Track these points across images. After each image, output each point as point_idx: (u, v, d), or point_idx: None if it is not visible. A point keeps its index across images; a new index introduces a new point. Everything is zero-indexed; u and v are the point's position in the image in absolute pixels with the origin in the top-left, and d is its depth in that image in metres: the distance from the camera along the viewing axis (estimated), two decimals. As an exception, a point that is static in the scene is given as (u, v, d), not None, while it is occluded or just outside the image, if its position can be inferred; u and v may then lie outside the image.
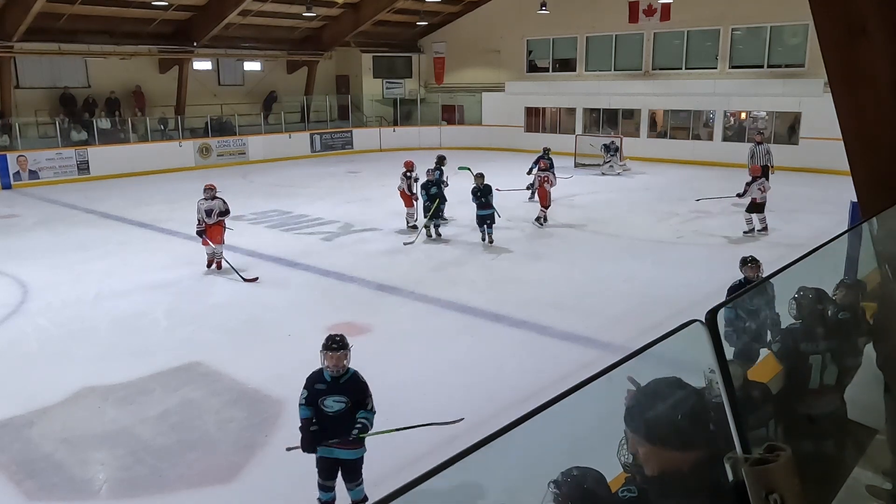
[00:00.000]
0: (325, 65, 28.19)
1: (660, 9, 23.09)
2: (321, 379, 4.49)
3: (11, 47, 19.30)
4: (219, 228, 10.50)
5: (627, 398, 1.69)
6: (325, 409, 4.44)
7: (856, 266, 3.39)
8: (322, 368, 4.52)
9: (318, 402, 4.44)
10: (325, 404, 4.43)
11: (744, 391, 2.40)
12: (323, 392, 4.45)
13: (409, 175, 13.07)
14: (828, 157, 17.68)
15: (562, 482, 1.69)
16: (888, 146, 3.35)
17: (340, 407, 4.41)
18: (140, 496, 5.05)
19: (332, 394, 4.44)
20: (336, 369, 4.44)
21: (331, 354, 4.46)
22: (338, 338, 4.52)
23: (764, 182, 12.70)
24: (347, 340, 4.55)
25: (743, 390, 2.34)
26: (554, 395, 1.33)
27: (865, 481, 2.94)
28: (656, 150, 23.30)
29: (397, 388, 6.57)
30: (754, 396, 2.57)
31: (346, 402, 4.41)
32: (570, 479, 1.70)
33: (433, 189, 12.44)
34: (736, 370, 2.29)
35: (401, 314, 8.79)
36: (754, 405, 2.51)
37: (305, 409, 4.48)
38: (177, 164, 21.96)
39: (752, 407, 2.46)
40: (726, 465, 1.64)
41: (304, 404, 4.49)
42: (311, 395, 4.47)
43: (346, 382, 4.47)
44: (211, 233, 10.38)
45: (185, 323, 8.49)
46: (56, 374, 6.95)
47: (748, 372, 2.87)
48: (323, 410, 4.44)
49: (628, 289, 9.54)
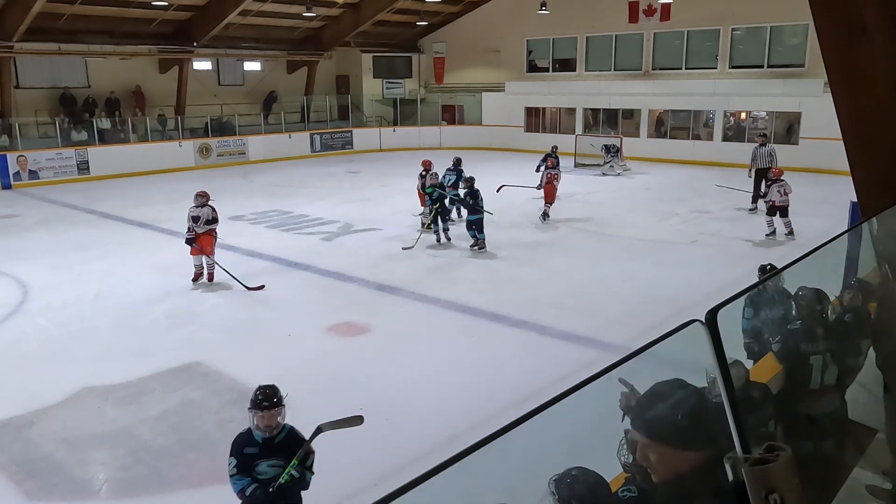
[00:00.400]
0: (325, 65, 28.19)
1: (660, 9, 23.09)
2: (251, 441, 3.72)
3: (11, 47, 19.30)
4: (209, 238, 9.86)
5: (622, 400, 1.68)
6: (260, 477, 3.67)
7: (856, 266, 3.39)
8: (250, 429, 3.74)
9: (251, 469, 3.68)
10: (258, 471, 3.68)
11: (744, 391, 2.40)
12: (255, 457, 3.69)
13: (426, 174, 12.89)
14: (828, 157, 17.67)
15: (561, 482, 1.69)
16: (888, 146, 3.35)
17: (276, 472, 3.66)
18: (140, 496, 5.05)
19: (265, 457, 3.69)
20: (268, 430, 3.69)
21: (262, 414, 3.66)
22: (269, 391, 3.72)
23: (785, 185, 12.18)
24: (280, 393, 3.75)
25: (743, 390, 2.34)
26: (554, 395, 1.33)
27: (865, 481, 2.94)
28: (656, 150, 23.30)
29: (397, 388, 6.58)
30: (754, 397, 2.57)
31: (284, 466, 3.65)
32: (570, 480, 1.70)
33: (435, 193, 12.19)
34: (739, 371, 2.30)
35: (401, 314, 8.78)
36: (754, 405, 2.51)
37: (238, 479, 3.68)
38: (177, 164, 21.96)
39: (752, 407, 2.45)
40: (726, 465, 1.64)
41: (236, 474, 3.68)
42: (242, 462, 3.69)
43: (281, 442, 3.72)
44: (201, 242, 9.77)
45: (185, 323, 8.49)
46: (56, 374, 6.95)
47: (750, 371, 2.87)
48: (257, 479, 3.67)
49: (628, 289, 9.54)
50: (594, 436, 1.77)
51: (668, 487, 1.64)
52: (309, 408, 6.28)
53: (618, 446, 1.75)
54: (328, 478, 5.16)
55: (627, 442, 1.73)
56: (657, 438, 1.63)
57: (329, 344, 7.73)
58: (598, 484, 1.72)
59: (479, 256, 11.40)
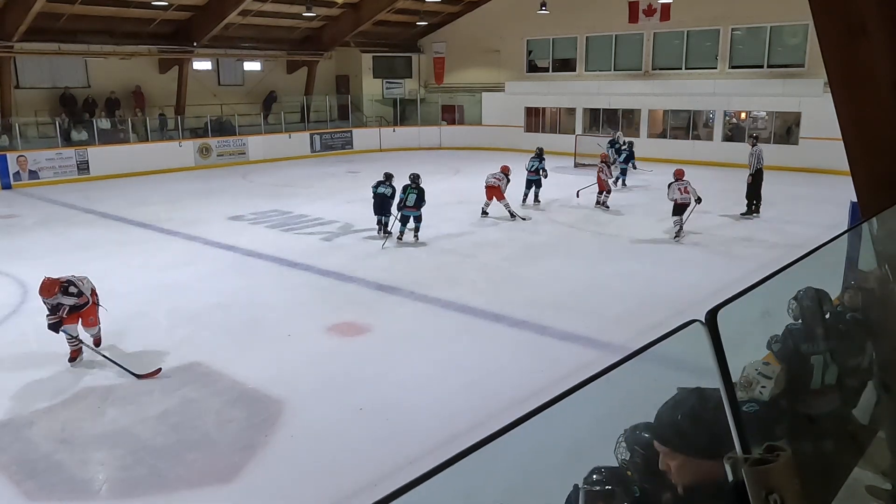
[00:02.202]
0: (324, 65, 28.19)
1: (660, 9, 23.10)
2: None
3: (11, 47, 19.29)
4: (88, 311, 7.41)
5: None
6: None
7: (856, 266, 3.39)
8: None
9: None
10: None
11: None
12: None
13: (508, 177, 14.37)
14: (828, 157, 17.68)
15: (592, 481, 1.69)
16: (888, 146, 3.35)
17: None
18: (140, 496, 5.05)
19: None
20: None
21: None
22: None
23: (684, 184, 12.39)
24: None
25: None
26: (554, 395, 1.33)
27: (865, 481, 2.94)
28: (656, 150, 23.31)
29: (397, 387, 6.58)
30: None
31: None
32: (600, 477, 1.71)
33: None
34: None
35: (401, 314, 8.78)
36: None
37: None
38: (177, 165, 21.96)
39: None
40: (726, 465, 1.64)
41: None
42: None
43: None
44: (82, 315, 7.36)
45: (185, 323, 8.48)
46: (56, 374, 6.95)
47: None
48: None
49: (628, 289, 9.53)
50: (594, 436, 1.77)
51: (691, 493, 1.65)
52: (309, 408, 6.30)
53: (615, 444, 1.76)
54: (328, 478, 5.18)
55: (626, 440, 1.74)
56: (676, 448, 1.63)
57: (329, 344, 7.73)
58: (625, 483, 1.73)
59: (480, 256, 11.39)
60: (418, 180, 12.34)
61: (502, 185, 14.13)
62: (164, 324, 8.48)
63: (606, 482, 1.67)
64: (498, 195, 14.10)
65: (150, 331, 8.20)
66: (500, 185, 14.10)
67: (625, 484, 1.69)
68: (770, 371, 2.64)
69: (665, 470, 1.67)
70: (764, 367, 2.66)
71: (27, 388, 6.64)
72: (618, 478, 1.69)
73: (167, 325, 8.46)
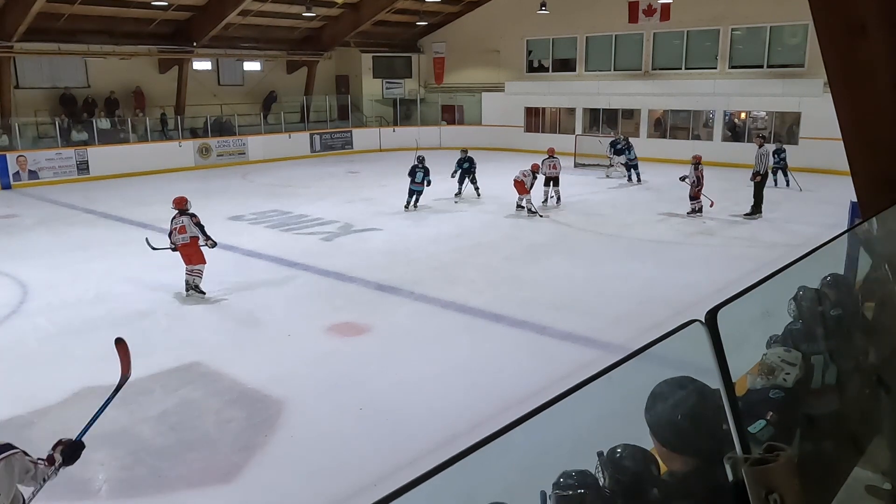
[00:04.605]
0: (324, 65, 28.19)
1: (660, 9, 23.09)
2: None
3: (11, 47, 19.29)
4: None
5: None
6: None
7: (856, 266, 3.39)
8: None
9: None
10: None
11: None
12: None
13: (535, 174, 14.97)
14: (828, 157, 17.69)
15: (609, 459, 1.68)
16: (888, 146, 3.35)
17: None
18: (140, 496, 5.05)
19: None
20: None
21: None
22: None
23: (556, 161, 15.48)
24: None
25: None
26: (554, 395, 1.33)
27: (865, 481, 2.93)
28: (656, 150, 23.30)
29: (397, 387, 6.58)
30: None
31: None
32: (619, 455, 1.69)
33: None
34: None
35: (401, 314, 8.78)
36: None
37: None
38: (176, 165, 21.95)
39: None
40: (726, 465, 1.64)
41: None
42: None
43: None
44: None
45: (185, 323, 8.48)
46: (56, 374, 6.94)
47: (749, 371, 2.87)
48: None
49: (628, 289, 9.53)
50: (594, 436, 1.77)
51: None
52: (309, 408, 6.30)
53: (594, 467, 1.72)
54: (328, 478, 5.17)
55: (602, 465, 1.71)
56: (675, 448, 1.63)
57: (329, 344, 7.73)
58: (647, 462, 1.71)
59: (480, 256, 11.40)
60: (424, 161, 15.30)
61: (527, 181, 14.65)
62: (164, 324, 8.48)
63: (578, 486, 1.64)
64: (520, 189, 14.66)
65: (150, 331, 8.19)
66: (525, 182, 14.65)
67: (596, 487, 1.66)
68: (793, 358, 2.64)
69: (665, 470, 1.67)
70: (786, 353, 2.67)
71: (27, 388, 6.63)
72: (588, 481, 1.67)
73: (167, 325, 8.45)
